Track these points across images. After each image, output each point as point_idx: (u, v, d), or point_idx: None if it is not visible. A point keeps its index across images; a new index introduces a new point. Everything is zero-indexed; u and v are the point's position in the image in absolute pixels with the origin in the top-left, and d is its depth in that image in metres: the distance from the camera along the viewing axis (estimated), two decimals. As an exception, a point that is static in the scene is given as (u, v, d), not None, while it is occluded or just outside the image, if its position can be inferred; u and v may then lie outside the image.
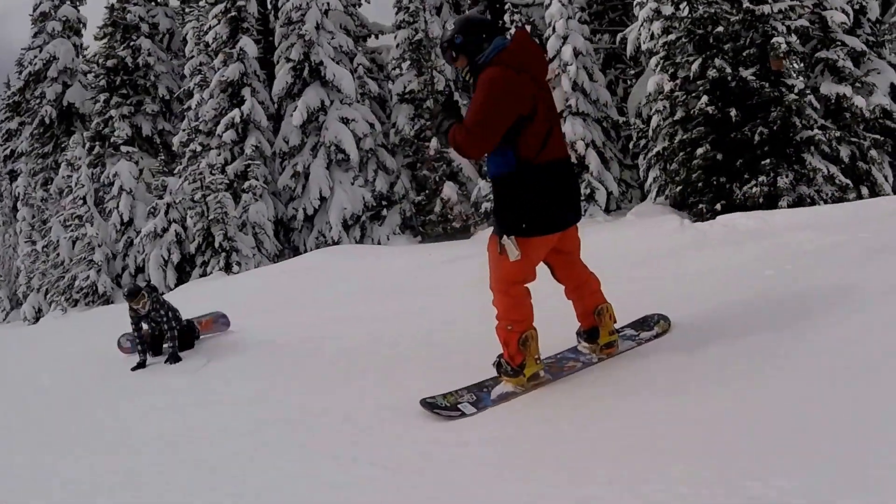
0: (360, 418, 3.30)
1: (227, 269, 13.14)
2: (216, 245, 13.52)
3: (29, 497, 3.19)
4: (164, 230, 14.33)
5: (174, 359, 6.16)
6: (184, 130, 16.18)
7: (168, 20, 20.60)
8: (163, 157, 15.44)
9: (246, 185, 14.04)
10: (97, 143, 18.69)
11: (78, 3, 22.99)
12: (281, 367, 4.92)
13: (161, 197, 14.56)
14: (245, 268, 13.10)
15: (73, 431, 4.30)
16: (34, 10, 23.11)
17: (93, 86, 20.37)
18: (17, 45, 41.64)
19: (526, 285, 3.19)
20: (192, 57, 16.69)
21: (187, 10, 21.41)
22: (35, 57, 22.22)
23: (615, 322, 3.44)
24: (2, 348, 10.16)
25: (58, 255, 16.17)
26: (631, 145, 15.66)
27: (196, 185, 13.79)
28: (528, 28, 15.57)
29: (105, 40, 20.14)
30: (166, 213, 14.23)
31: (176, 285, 13.81)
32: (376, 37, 20.52)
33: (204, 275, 13.53)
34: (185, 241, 14.35)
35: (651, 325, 3.61)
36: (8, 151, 24.84)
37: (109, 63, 19.56)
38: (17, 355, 8.76)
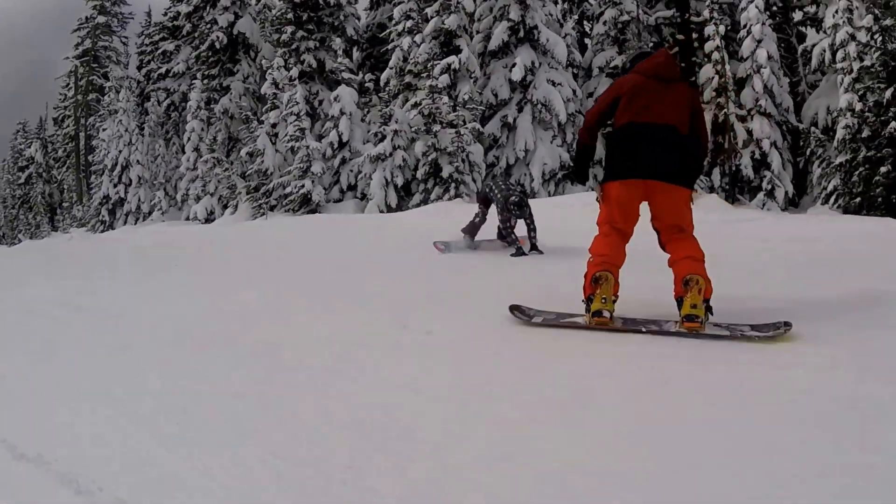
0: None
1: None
2: (444, 175, 14.60)
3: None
4: (389, 155, 15.39)
5: (538, 249, 6.47)
6: (391, 69, 17.27)
7: (355, -34, 21.65)
8: (387, 90, 16.53)
9: (470, 126, 15.13)
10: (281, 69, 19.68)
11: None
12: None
13: (386, 124, 15.63)
14: (468, 202, 14.09)
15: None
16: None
17: (276, 18, 21.35)
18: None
19: (616, 231, 3.52)
20: (402, 3, 17.78)
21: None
22: (207, -17, 23.25)
23: (706, 300, 3.31)
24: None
25: (262, 162, 17.17)
26: (808, 152, 16.82)
27: (430, 119, 14.88)
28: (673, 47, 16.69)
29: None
30: (392, 139, 15.31)
31: (396, 205, 14.93)
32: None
33: (425, 202, 14.60)
34: (407, 167, 15.42)
35: (768, 329, 3.20)
36: (163, 71, 25.80)
37: (296, -1, 20.62)
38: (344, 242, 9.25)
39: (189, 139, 21.38)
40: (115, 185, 24.94)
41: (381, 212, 14.64)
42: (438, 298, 4.56)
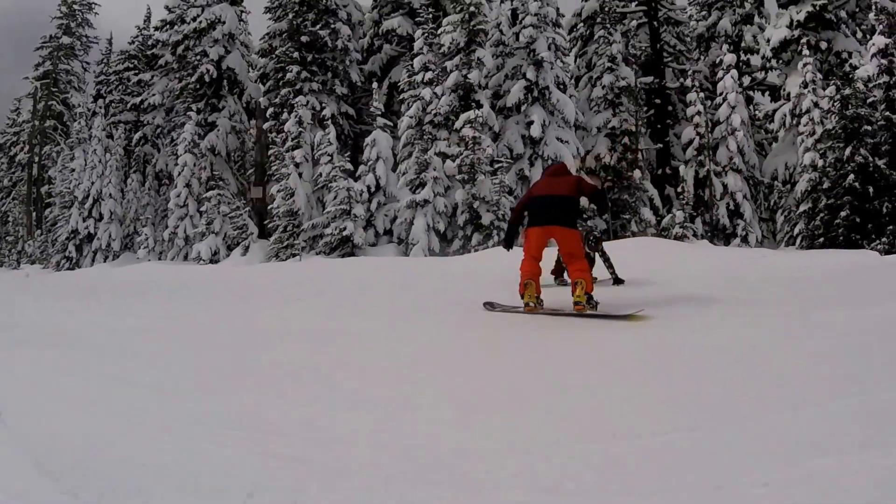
0: None
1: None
2: (485, 223, 15.55)
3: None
4: (430, 201, 16.11)
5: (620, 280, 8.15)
6: (410, 117, 18.08)
7: (358, 13, 22.33)
8: (432, 137, 17.33)
9: (503, 177, 16.24)
10: (284, 109, 19.90)
11: (238, -26, 24.01)
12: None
13: (425, 171, 16.40)
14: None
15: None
16: (194, -30, 23.78)
17: (276, 56, 21.47)
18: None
19: (532, 257, 6.01)
20: (421, 54, 18.72)
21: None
22: (198, 16, 22.88)
23: (588, 293, 5.77)
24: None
25: (293, 201, 17.14)
26: (772, 202, 19.51)
27: (468, 166, 15.83)
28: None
29: (290, 17, 21.52)
30: (432, 186, 16.07)
31: (439, 250, 15.64)
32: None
33: (465, 248, 15.47)
34: (444, 213, 16.20)
35: (625, 311, 5.56)
36: (137, 101, 24.80)
37: (303, 38, 20.95)
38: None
39: (181, 174, 20.77)
40: (84, 220, 23.47)
41: (425, 256, 15.33)
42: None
